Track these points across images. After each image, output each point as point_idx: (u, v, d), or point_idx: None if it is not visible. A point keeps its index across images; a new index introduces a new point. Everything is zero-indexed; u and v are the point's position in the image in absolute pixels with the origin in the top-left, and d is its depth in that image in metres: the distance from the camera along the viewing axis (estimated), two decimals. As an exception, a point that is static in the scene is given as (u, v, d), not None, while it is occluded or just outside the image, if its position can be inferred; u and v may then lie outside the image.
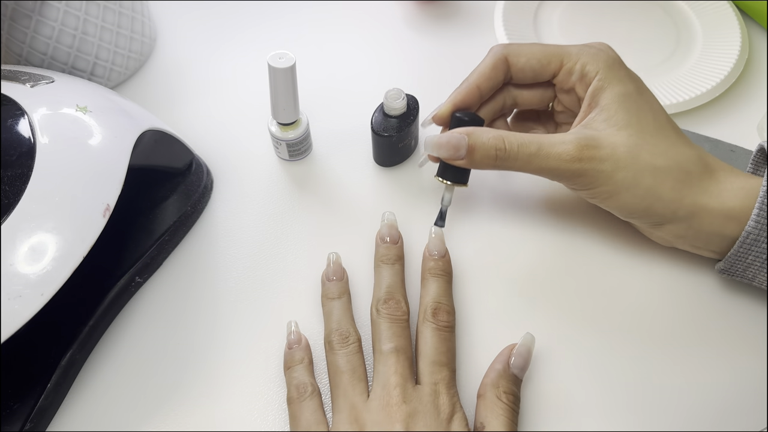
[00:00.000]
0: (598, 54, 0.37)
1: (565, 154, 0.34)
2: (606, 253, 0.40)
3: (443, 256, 0.37)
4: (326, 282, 0.38)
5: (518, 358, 0.34)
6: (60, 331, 0.36)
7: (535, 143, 0.35)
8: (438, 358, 0.33)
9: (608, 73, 0.36)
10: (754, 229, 0.33)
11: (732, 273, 0.36)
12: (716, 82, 0.47)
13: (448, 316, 0.35)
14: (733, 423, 0.34)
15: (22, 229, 0.29)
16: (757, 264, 0.34)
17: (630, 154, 0.34)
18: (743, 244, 0.33)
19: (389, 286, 0.36)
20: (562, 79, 0.38)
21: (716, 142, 0.43)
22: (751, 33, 0.52)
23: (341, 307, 0.36)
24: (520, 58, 0.38)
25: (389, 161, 0.44)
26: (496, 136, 0.35)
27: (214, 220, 0.43)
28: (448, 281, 0.37)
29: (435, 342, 0.34)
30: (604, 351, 0.36)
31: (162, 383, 0.36)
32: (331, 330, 0.35)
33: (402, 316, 0.35)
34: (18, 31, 0.44)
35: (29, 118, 0.32)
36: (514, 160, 0.35)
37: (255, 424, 0.35)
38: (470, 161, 0.35)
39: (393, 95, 0.41)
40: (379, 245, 0.39)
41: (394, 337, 0.34)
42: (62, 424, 0.35)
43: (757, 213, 0.32)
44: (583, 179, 0.35)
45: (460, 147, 0.35)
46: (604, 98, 0.35)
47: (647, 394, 0.35)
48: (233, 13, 0.55)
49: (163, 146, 0.40)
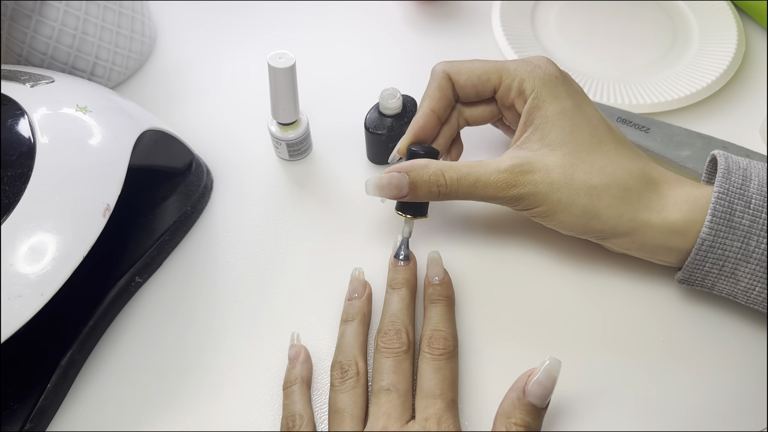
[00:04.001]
0: (534, 70, 0.36)
1: (500, 183, 0.34)
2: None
3: (443, 280, 0.37)
4: (346, 300, 0.37)
5: (536, 386, 0.30)
6: (60, 331, 0.36)
7: (473, 175, 0.35)
8: (430, 390, 0.32)
9: (543, 91, 0.36)
10: (708, 236, 0.33)
11: (692, 282, 0.35)
12: (713, 79, 0.47)
13: (444, 342, 0.34)
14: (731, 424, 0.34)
15: (22, 229, 0.29)
16: (715, 272, 0.34)
17: (564, 175, 0.34)
18: (699, 252, 0.33)
19: (392, 315, 0.35)
20: (502, 95, 0.38)
21: (708, 139, 0.43)
22: (749, 31, 0.52)
23: (351, 332, 0.36)
24: (461, 75, 0.38)
25: (380, 159, 0.44)
26: (436, 172, 0.35)
27: (214, 220, 0.43)
28: (448, 305, 0.36)
29: (428, 373, 0.33)
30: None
31: (162, 383, 0.36)
32: (335, 362, 0.34)
33: (400, 348, 0.34)
34: (18, 31, 0.44)
35: (29, 118, 0.32)
36: (455, 193, 0.35)
37: (255, 424, 0.35)
38: (414, 197, 0.35)
39: (388, 94, 0.41)
40: (390, 268, 0.38)
41: (387, 373, 0.33)
42: (62, 424, 0.35)
43: (711, 220, 0.32)
44: (521, 202, 0.35)
45: (401, 186, 0.35)
46: (538, 117, 0.35)
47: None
48: (233, 13, 0.55)
49: (163, 146, 0.40)
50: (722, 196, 0.33)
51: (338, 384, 0.33)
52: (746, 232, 0.32)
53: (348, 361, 0.34)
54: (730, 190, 0.33)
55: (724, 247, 0.33)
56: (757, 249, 0.32)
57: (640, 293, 0.38)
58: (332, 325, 0.38)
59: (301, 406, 0.34)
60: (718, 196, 0.33)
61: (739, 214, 0.32)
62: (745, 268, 0.33)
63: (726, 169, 0.33)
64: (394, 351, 0.34)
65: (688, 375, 0.36)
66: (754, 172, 0.33)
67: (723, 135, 0.44)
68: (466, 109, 0.40)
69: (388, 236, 0.41)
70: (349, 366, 0.34)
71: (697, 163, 0.42)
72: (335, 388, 0.33)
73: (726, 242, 0.33)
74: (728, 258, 0.33)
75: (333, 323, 0.38)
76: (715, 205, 0.32)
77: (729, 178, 0.33)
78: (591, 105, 0.36)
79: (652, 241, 0.34)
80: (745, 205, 0.32)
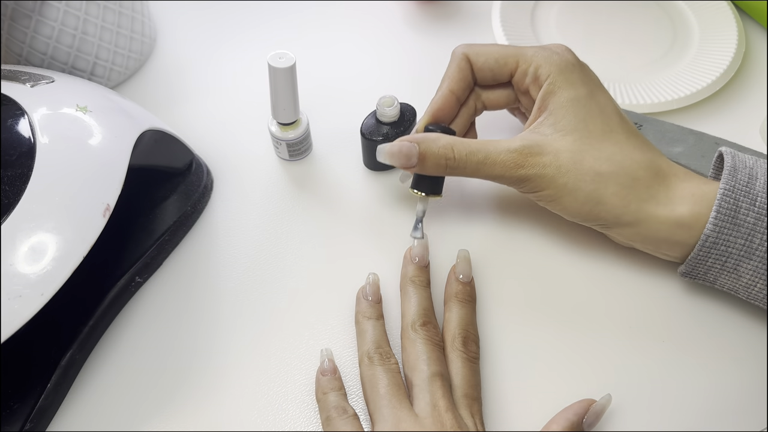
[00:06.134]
0: (551, 57, 0.37)
1: (509, 162, 0.35)
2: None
3: (469, 281, 0.37)
4: (362, 300, 0.37)
5: (593, 415, 0.33)
6: (60, 331, 0.36)
7: (482, 152, 0.35)
8: (470, 392, 0.33)
9: (559, 77, 0.36)
10: (712, 232, 0.33)
11: (694, 276, 0.36)
12: (712, 79, 0.47)
13: (476, 347, 0.35)
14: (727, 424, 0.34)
15: (22, 229, 0.29)
16: (717, 267, 0.34)
17: (572, 160, 0.34)
18: (702, 248, 0.33)
19: (426, 309, 0.35)
20: (518, 80, 0.38)
21: (701, 135, 0.43)
22: (749, 31, 0.52)
23: (379, 328, 0.36)
24: (480, 58, 0.38)
25: (376, 165, 0.44)
26: (446, 145, 0.35)
27: (214, 220, 0.43)
28: (473, 309, 0.36)
29: (466, 373, 0.33)
30: (598, 355, 0.37)
31: (162, 383, 0.36)
32: (370, 348, 0.34)
33: (439, 342, 0.34)
34: (18, 31, 0.44)
35: (29, 118, 0.32)
36: (463, 168, 0.35)
37: (255, 424, 0.35)
38: (422, 169, 0.36)
39: (385, 102, 0.40)
40: (409, 264, 0.38)
41: (437, 361, 0.33)
42: (62, 424, 0.35)
43: (715, 216, 0.33)
44: (528, 184, 0.35)
45: (411, 155, 0.35)
46: (552, 102, 0.36)
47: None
48: (233, 13, 0.55)
49: (163, 146, 0.40)
50: (728, 193, 0.33)
51: (381, 363, 0.34)
52: (750, 229, 0.32)
53: (385, 348, 0.34)
54: (736, 188, 0.33)
55: (728, 243, 0.33)
56: (761, 246, 0.32)
57: (643, 287, 0.38)
58: (332, 324, 0.38)
59: (346, 403, 0.34)
60: (724, 193, 0.33)
61: (744, 212, 0.33)
62: (748, 264, 0.33)
63: (732, 167, 0.34)
64: (437, 342, 0.34)
65: (688, 371, 0.36)
66: (760, 170, 0.34)
67: (723, 135, 0.44)
68: (484, 93, 0.40)
69: (388, 236, 0.41)
70: (388, 354, 0.34)
71: (690, 159, 0.42)
72: (377, 366, 0.33)
73: (730, 239, 0.33)
74: (731, 254, 0.33)
75: (333, 323, 0.38)
76: (720, 202, 0.33)
77: (735, 175, 0.33)
78: (606, 94, 0.37)
79: (657, 234, 0.34)
80: (751, 202, 0.33)
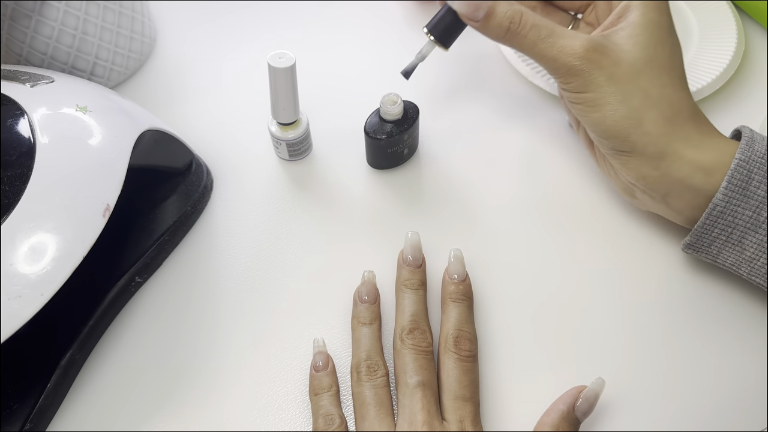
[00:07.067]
0: None
1: (569, 48, 0.35)
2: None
3: (463, 279, 0.37)
4: (358, 303, 0.37)
5: (585, 403, 0.33)
6: (60, 331, 0.36)
7: (548, 29, 0.35)
8: (461, 393, 0.33)
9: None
10: (721, 201, 0.33)
11: (698, 248, 0.36)
12: (712, 79, 0.47)
13: (470, 345, 0.34)
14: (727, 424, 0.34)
15: (22, 229, 0.29)
16: (722, 238, 0.34)
17: (629, 73, 0.34)
18: (709, 216, 0.34)
19: (414, 314, 0.35)
20: None
21: None
22: (749, 31, 0.52)
23: (372, 335, 0.36)
24: None
25: (378, 164, 0.44)
26: (516, 11, 0.35)
27: (214, 220, 0.43)
28: (469, 306, 0.36)
29: (458, 374, 0.33)
30: (605, 352, 0.37)
31: (162, 383, 0.36)
32: (360, 360, 0.35)
33: (427, 348, 0.34)
34: (18, 31, 0.44)
35: (29, 118, 0.32)
36: (522, 38, 0.35)
37: (255, 424, 0.35)
38: (485, 26, 0.36)
39: (389, 100, 0.40)
40: (402, 267, 0.38)
41: (420, 370, 0.33)
42: (62, 424, 0.35)
43: (726, 186, 0.33)
44: (577, 80, 0.35)
45: (480, 7, 0.36)
46: (635, 16, 0.36)
47: (638, 392, 0.35)
48: (233, 13, 0.55)
49: (163, 146, 0.40)
50: (742, 163, 0.33)
51: (368, 379, 0.34)
52: (759, 202, 0.33)
53: (375, 361, 0.34)
54: (751, 158, 0.33)
55: (735, 214, 0.33)
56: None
57: (643, 287, 0.38)
58: (332, 324, 0.38)
59: (335, 409, 0.34)
60: (738, 163, 0.33)
61: (755, 184, 0.33)
62: (753, 237, 0.33)
63: (750, 138, 0.34)
64: (423, 349, 0.34)
65: (688, 371, 0.36)
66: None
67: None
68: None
69: (388, 236, 0.41)
70: (377, 364, 0.34)
71: None
72: (364, 383, 0.34)
73: (738, 210, 0.33)
74: (737, 225, 0.33)
75: (333, 322, 0.38)
76: (733, 172, 0.33)
77: (752, 146, 0.33)
78: (677, 38, 0.37)
79: (676, 173, 0.34)
80: (764, 175, 0.33)
